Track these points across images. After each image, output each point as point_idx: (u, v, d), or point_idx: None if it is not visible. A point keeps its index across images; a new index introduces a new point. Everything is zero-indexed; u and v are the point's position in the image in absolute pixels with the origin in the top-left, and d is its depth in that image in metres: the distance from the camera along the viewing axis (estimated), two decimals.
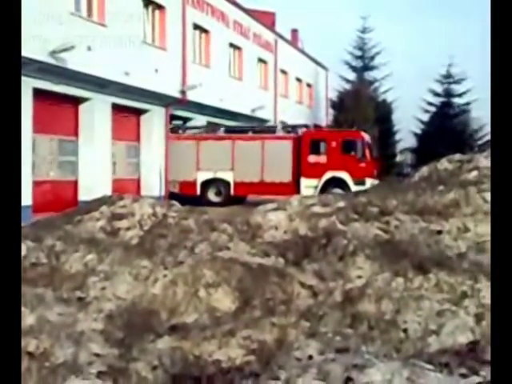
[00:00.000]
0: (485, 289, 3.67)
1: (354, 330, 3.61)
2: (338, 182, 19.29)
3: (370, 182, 19.01)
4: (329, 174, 19.60)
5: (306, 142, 20.03)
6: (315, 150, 19.82)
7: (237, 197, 20.29)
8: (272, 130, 21.32)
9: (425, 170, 5.75)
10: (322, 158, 19.75)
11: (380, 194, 5.19)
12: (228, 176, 20.36)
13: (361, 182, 18.88)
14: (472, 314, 3.52)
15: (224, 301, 4.02)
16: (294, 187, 19.77)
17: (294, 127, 21.58)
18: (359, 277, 4.09)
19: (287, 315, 3.82)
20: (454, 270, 3.95)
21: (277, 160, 19.91)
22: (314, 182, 19.64)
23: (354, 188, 18.56)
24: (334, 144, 19.79)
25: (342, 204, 5.06)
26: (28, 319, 3.59)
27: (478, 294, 3.68)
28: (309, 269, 4.28)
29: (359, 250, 4.34)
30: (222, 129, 21.46)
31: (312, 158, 19.80)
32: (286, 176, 20.04)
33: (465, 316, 3.52)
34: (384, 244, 4.48)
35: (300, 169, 19.97)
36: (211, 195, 20.48)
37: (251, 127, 21.82)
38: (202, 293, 4.05)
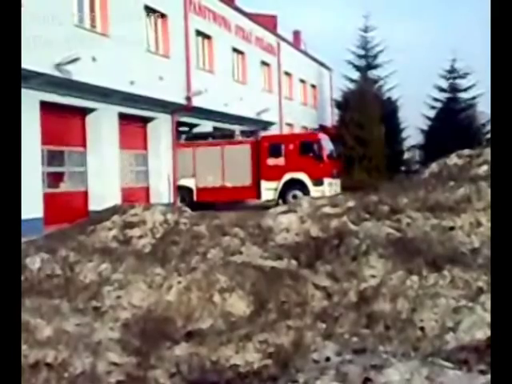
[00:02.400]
0: None
1: (370, 330, 3.60)
2: (297, 183, 19.87)
3: (328, 182, 19.91)
4: (288, 176, 20.06)
5: (264, 145, 20.53)
6: (273, 153, 20.30)
7: (202, 202, 20.34)
8: (231, 135, 21.60)
9: (435, 166, 5.72)
10: (281, 161, 20.24)
11: (390, 192, 5.17)
12: (190, 183, 20.82)
13: (319, 183, 19.69)
14: (489, 310, 3.49)
15: (239, 305, 4.02)
16: (255, 190, 20.36)
17: (253, 132, 21.89)
18: (373, 276, 4.08)
19: (303, 317, 3.81)
20: (468, 266, 3.93)
21: (237, 164, 20.41)
22: (273, 184, 20.13)
23: (312, 188, 19.43)
24: (291, 146, 20.27)
25: (352, 204, 5.05)
26: (45, 331, 3.61)
27: None
28: (322, 270, 4.27)
29: (372, 250, 4.33)
30: (183, 136, 21.79)
31: (271, 161, 20.30)
32: (246, 180, 20.52)
33: (482, 312, 3.50)
34: (396, 242, 4.46)
35: (260, 172, 20.44)
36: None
37: (210, 133, 22.11)
38: (217, 298, 4.06)
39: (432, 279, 3.88)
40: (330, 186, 20.02)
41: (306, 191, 19.37)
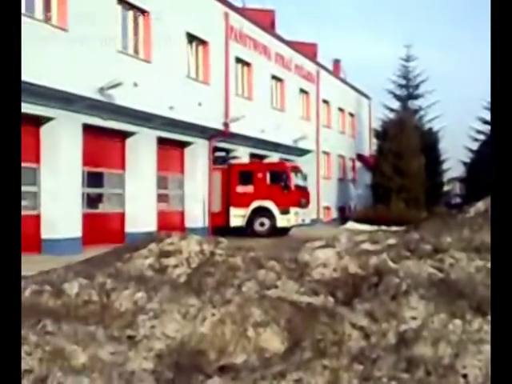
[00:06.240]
0: None
1: (410, 374, 3.45)
2: (265, 211, 20.52)
3: (294, 211, 20.58)
4: (255, 204, 20.69)
5: (234, 173, 21.19)
6: (243, 181, 20.95)
7: None
8: None
9: (480, 205, 5.54)
10: (250, 189, 20.85)
11: (433, 230, 5.03)
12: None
13: (285, 211, 20.41)
14: None
15: (273, 341, 3.94)
16: (224, 216, 20.96)
17: (225, 159, 22.21)
18: (413, 318, 3.94)
19: (339, 357, 3.69)
20: None
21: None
22: (242, 211, 20.74)
23: (279, 216, 20.26)
24: (260, 175, 20.96)
25: (393, 241, 4.93)
26: (80, 358, 3.61)
27: None
28: (360, 309, 4.15)
29: (412, 290, 4.19)
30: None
31: (240, 189, 20.95)
32: (216, 206, 20.96)
33: None
34: (439, 283, 4.31)
35: (229, 199, 20.96)
36: None
37: None
38: (251, 332, 3.99)
39: (476, 324, 3.72)
40: (297, 215, 20.67)
41: (272, 219, 20.23)
